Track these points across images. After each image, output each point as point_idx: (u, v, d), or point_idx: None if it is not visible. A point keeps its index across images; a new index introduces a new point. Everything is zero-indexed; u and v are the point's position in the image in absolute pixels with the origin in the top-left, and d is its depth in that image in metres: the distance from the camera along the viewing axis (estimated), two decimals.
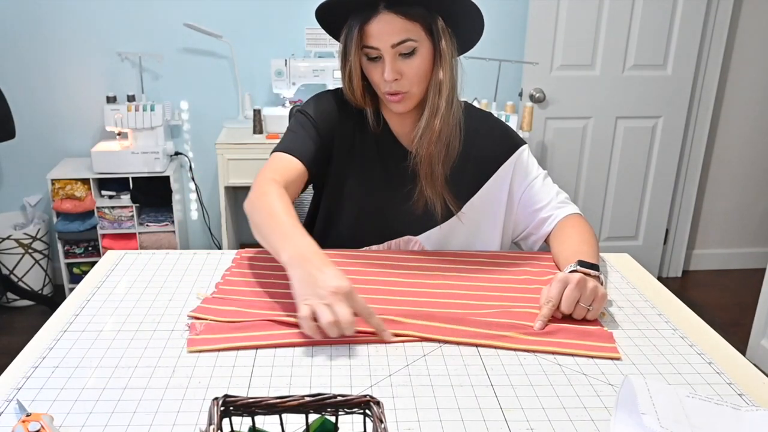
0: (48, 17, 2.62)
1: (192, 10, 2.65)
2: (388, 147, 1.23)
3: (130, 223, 2.66)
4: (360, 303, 0.87)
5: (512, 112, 2.54)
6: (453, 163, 1.19)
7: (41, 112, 2.74)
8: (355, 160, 1.23)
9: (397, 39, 1.06)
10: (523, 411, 0.76)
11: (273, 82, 2.64)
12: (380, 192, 1.23)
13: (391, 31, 1.06)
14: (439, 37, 1.09)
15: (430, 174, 1.17)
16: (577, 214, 1.23)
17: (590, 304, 0.95)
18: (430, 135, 1.14)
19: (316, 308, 0.85)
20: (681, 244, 3.12)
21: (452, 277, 1.10)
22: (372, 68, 1.12)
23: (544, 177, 1.26)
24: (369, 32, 1.07)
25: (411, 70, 1.09)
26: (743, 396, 0.79)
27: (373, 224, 1.24)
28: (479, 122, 1.26)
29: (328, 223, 1.27)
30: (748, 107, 2.98)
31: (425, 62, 1.10)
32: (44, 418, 0.69)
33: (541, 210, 1.23)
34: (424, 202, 1.19)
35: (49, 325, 0.94)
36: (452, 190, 1.20)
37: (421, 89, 1.13)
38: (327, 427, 0.60)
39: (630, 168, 2.91)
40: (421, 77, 1.11)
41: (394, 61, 1.08)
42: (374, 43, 1.07)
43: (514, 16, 2.76)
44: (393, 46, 1.07)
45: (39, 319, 2.30)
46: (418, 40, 1.08)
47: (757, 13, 2.83)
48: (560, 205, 1.23)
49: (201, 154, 2.88)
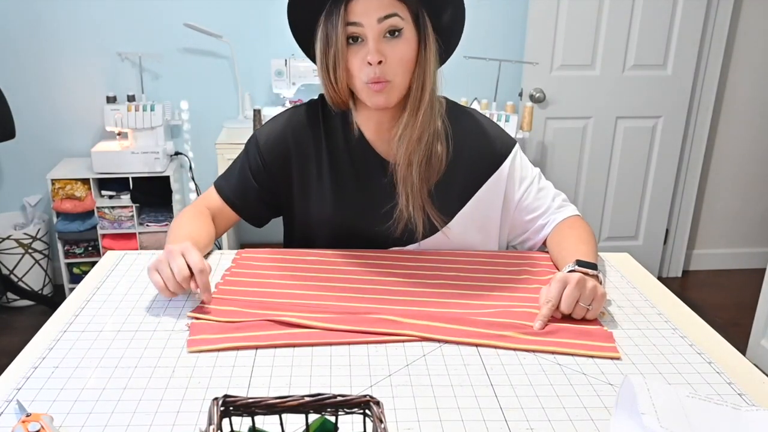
0: (48, 17, 2.62)
1: (192, 10, 2.65)
2: (363, 157, 1.17)
3: (130, 223, 2.66)
4: (193, 258, 0.95)
5: (512, 112, 2.54)
6: (439, 176, 1.15)
7: (41, 112, 2.74)
8: (323, 178, 1.17)
9: (384, 12, 1.01)
10: (523, 411, 0.76)
11: (273, 82, 2.64)
12: (356, 211, 1.18)
13: (378, 6, 1.01)
14: (425, 27, 1.06)
15: (406, 182, 1.11)
16: (575, 215, 1.21)
17: (590, 303, 0.94)
18: (410, 135, 1.09)
19: (159, 267, 0.96)
20: (681, 244, 3.12)
21: (452, 277, 1.09)
22: (352, 54, 1.05)
23: (539, 179, 1.23)
24: (354, 9, 1.01)
25: (395, 54, 1.03)
26: (743, 396, 0.79)
27: (356, 240, 1.19)
28: (465, 125, 1.19)
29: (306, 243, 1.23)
30: (748, 107, 2.98)
31: (410, 49, 1.05)
32: (44, 418, 0.69)
33: (540, 216, 1.21)
34: (405, 221, 1.14)
35: (49, 325, 0.94)
36: (439, 201, 1.15)
37: (404, 81, 1.07)
38: (327, 427, 0.60)
39: (630, 168, 2.91)
40: (405, 65, 1.05)
41: (379, 41, 1.03)
42: (359, 19, 1.01)
43: (514, 16, 2.76)
44: (379, 20, 1.01)
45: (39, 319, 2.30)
46: (405, 20, 1.03)
47: (757, 14, 2.83)
48: (558, 210, 1.21)
49: (201, 154, 2.88)
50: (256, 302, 0.99)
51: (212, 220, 1.20)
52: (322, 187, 1.18)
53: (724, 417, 0.73)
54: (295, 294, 1.02)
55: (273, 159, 1.19)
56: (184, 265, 0.95)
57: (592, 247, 1.11)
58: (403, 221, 1.15)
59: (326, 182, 1.18)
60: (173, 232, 1.13)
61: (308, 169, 1.19)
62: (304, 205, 1.20)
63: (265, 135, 1.20)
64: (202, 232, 1.14)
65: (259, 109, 2.57)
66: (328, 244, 1.20)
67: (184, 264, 0.95)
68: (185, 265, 0.95)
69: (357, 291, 1.03)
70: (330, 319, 0.94)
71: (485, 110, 2.56)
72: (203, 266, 0.95)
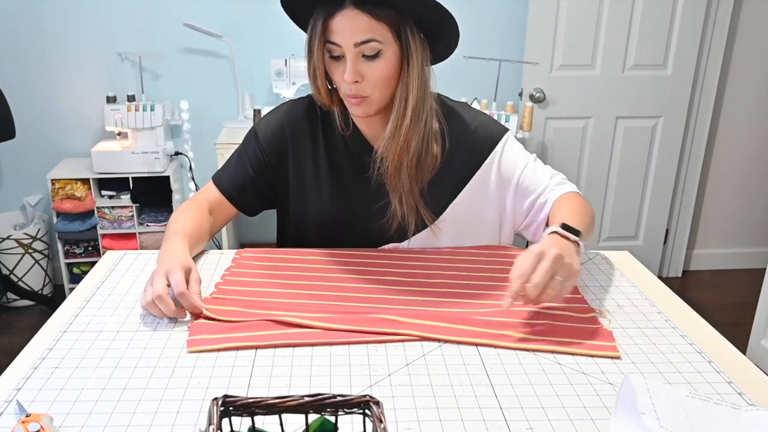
0: (48, 17, 2.62)
1: (192, 10, 2.65)
2: (358, 150, 1.18)
3: (130, 223, 2.66)
4: (175, 278, 0.93)
5: (512, 112, 2.54)
6: (432, 175, 1.15)
7: (41, 112, 2.74)
8: (320, 171, 1.19)
9: (361, 38, 1.01)
10: (523, 410, 0.76)
11: (273, 82, 2.64)
12: (354, 200, 1.18)
13: (354, 29, 1.00)
14: (408, 42, 1.04)
15: (401, 187, 1.12)
16: (574, 192, 1.17)
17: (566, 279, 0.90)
18: (396, 144, 1.09)
19: (146, 288, 0.95)
20: (681, 244, 3.12)
21: (451, 276, 1.09)
22: (334, 67, 1.07)
23: (534, 161, 1.20)
24: (332, 27, 1.02)
25: (373, 73, 1.04)
26: (743, 395, 0.79)
27: (350, 235, 1.20)
28: (456, 120, 1.19)
29: (300, 237, 1.24)
30: (748, 107, 2.98)
31: (390, 67, 1.05)
32: (44, 418, 0.69)
33: (539, 196, 1.18)
34: (400, 216, 1.15)
35: (49, 325, 0.94)
36: (432, 195, 1.16)
37: (383, 95, 1.08)
38: (327, 427, 0.60)
39: (630, 168, 2.91)
40: (383, 82, 1.05)
41: (356, 62, 1.03)
42: (336, 39, 1.02)
43: (514, 16, 2.76)
44: (356, 45, 1.01)
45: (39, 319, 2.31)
46: (384, 43, 1.02)
47: (757, 13, 2.83)
48: (557, 186, 1.17)
49: (201, 154, 2.88)
50: (256, 302, 0.99)
51: (211, 213, 1.22)
52: (319, 180, 1.19)
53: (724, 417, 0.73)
54: (295, 294, 1.02)
55: (271, 150, 1.20)
56: (163, 285, 0.93)
57: (583, 219, 1.06)
58: (397, 217, 1.16)
59: (323, 175, 1.19)
60: (170, 226, 1.14)
61: (304, 162, 1.20)
62: (299, 198, 1.22)
63: (263, 127, 1.22)
64: (197, 225, 1.15)
65: (259, 109, 2.57)
66: (323, 236, 1.21)
67: (163, 284, 0.93)
68: (164, 284, 0.93)
69: (357, 291, 1.03)
70: (330, 319, 0.94)
71: (485, 110, 2.56)
72: (183, 288, 0.93)
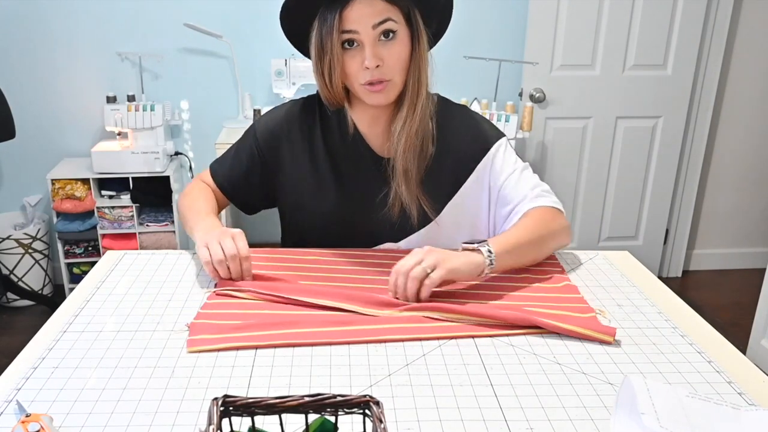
0: (48, 17, 2.62)
1: (192, 10, 2.65)
2: (358, 151, 1.19)
3: (130, 223, 2.66)
4: (242, 244, 1.04)
5: (512, 112, 2.54)
6: (427, 165, 1.16)
7: (41, 112, 2.74)
8: (319, 171, 1.19)
9: (379, 18, 1.03)
10: (523, 410, 0.76)
11: (273, 82, 2.64)
12: (353, 200, 1.19)
13: (372, 12, 1.03)
14: (418, 25, 1.08)
15: (405, 174, 1.13)
16: (548, 207, 1.15)
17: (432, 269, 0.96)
18: (409, 129, 1.11)
19: (209, 244, 1.03)
20: (681, 244, 3.12)
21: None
22: (349, 58, 1.07)
23: (522, 171, 1.19)
24: (348, 17, 1.03)
25: (392, 56, 1.06)
26: (743, 395, 0.79)
27: (350, 234, 1.21)
28: (454, 119, 1.21)
29: (300, 238, 1.25)
30: (748, 107, 2.98)
31: (405, 49, 1.07)
32: (44, 418, 0.69)
33: (516, 206, 1.17)
34: (400, 207, 1.16)
35: (49, 325, 0.94)
36: (429, 193, 1.16)
37: (402, 78, 1.10)
38: (326, 427, 0.60)
39: (630, 168, 2.91)
40: (401, 64, 1.08)
41: (375, 46, 1.05)
42: (353, 27, 1.03)
43: (514, 16, 2.76)
44: (374, 27, 1.03)
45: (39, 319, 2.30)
46: (398, 23, 1.05)
47: (757, 13, 2.83)
48: (534, 199, 1.16)
49: (201, 154, 2.88)
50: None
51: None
52: (318, 181, 1.20)
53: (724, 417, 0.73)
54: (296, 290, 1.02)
55: (268, 149, 1.22)
56: (234, 246, 1.03)
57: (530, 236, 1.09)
58: (398, 207, 1.16)
59: (322, 175, 1.20)
60: (192, 206, 1.20)
61: (302, 162, 1.21)
62: (296, 198, 1.22)
63: (263, 124, 1.24)
64: (215, 208, 1.23)
65: (259, 109, 2.57)
66: (323, 236, 1.22)
67: (234, 246, 1.03)
68: (235, 246, 1.03)
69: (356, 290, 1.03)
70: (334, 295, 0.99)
71: (485, 110, 2.56)
72: (248, 254, 1.04)
